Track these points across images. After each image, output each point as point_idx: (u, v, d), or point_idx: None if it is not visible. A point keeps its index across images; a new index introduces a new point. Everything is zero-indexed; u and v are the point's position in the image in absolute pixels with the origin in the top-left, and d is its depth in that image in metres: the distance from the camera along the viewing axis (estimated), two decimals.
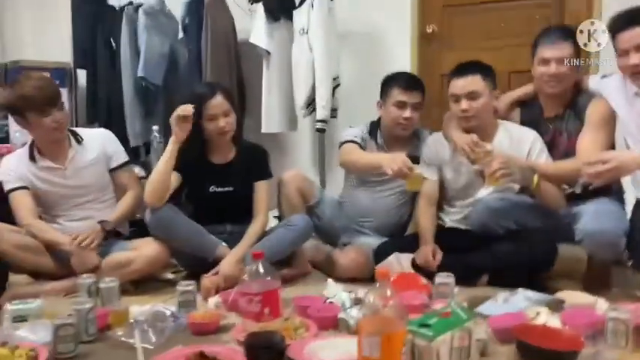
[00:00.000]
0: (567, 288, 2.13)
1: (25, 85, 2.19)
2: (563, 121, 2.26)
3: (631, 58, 1.93)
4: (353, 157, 2.43)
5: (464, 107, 2.21)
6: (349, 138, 2.47)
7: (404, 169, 2.09)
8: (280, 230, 2.32)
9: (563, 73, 2.18)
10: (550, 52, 2.18)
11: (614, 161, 1.78)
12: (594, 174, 1.79)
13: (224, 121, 2.26)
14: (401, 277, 2.08)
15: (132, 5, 3.35)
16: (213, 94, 2.26)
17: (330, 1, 3.08)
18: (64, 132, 2.32)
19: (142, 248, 2.24)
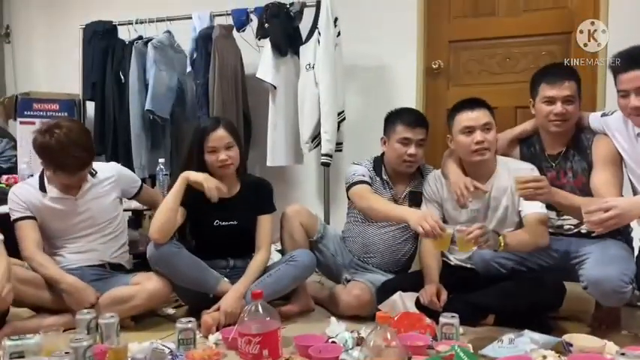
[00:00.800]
0: (576, 329, 2.11)
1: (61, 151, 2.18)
2: (568, 160, 2.24)
3: (631, 100, 1.93)
4: (373, 204, 2.33)
5: (480, 139, 2.18)
6: (359, 178, 2.42)
7: (436, 229, 1.97)
8: (283, 266, 2.29)
9: (570, 111, 2.17)
10: (555, 91, 2.17)
11: (617, 209, 1.74)
12: (596, 222, 1.76)
13: (225, 154, 2.27)
14: (404, 317, 2.05)
15: (141, 40, 3.41)
16: (215, 127, 2.28)
17: (337, 37, 3.11)
18: (85, 179, 2.36)
19: (143, 283, 2.22)
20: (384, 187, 2.47)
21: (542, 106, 2.21)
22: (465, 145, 2.23)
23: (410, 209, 2.27)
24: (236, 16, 3.24)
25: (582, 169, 2.20)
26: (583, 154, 2.20)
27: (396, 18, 3.28)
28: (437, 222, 1.98)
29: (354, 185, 2.42)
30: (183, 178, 2.24)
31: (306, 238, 2.45)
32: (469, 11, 3.28)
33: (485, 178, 2.27)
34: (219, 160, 2.27)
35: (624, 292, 1.91)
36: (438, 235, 1.97)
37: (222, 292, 2.20)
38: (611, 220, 1.74)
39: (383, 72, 3.37)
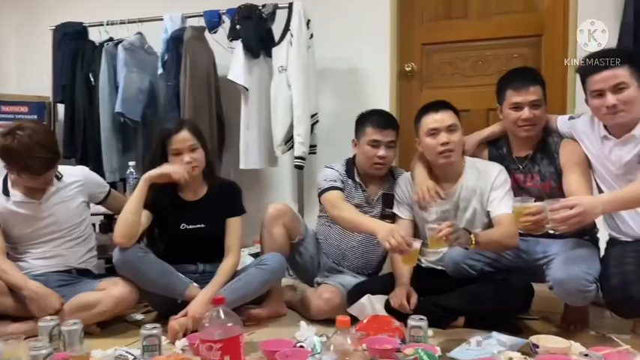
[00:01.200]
0: (545, 329, 2.13)
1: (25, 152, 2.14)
2: (535, 163, 2.25)
3: (608, 99, 1.95)
4: (343, 214, 2.30)
5: (445, 140, 2.19)
6: (330, 184, 2.40)
7: (403, 245, 1.96)
8: (252, 270, 2.27)
9: (537, 116, 2.18)
10: (522, 97, 2.17)
11: (580, 206, 1.76)
12: (560, 219, 1.77)
13: (189, 156, 2.25)
14: (373, 320, 2.03)
15: (112, 41, 3.36)
16: (178, 129, 2.26)
17: (310, 39, 3.11)
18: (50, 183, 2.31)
19: (109, 288, 2.17)
20: (357, 189, 2.46)
21: (510, 112, 2.21)
22: (430, 147, 2.24)
23: (379, 222, 2.22)
24: (208, 17, 3.21)
25: (550, 173, 2.21)
26: (550, 157, 2.21)
27: (369, 21, 3.28)
28: (403, 237, 1.96)
29: (325, 191, 2.40)
30: (144, 179, 2.21)
31: (287, 240, 2.42)
32: (441, 14, 3.30)
33: (453, 179, 2.28)
34: (183, 162, 2.24)
35: (588, 291, 1.92)
36: (404, 251, 1.96)
37: (191, 297, 2.16)
38: (575, 218, 1.76)
39: (356, 74, 3.37)
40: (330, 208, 2.37)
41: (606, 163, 2.08)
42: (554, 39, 3.10)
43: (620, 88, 1.94)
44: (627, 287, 1.86)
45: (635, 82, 1.95)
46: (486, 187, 2.23)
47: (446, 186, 2.28)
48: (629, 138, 1.99)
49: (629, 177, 2.00)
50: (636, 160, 1.99)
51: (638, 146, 1.98)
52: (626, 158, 2.00)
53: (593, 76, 2.00)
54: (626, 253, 1.95)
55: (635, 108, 1.96)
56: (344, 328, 1.25)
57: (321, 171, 2.50)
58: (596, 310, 2.29)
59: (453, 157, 2.22)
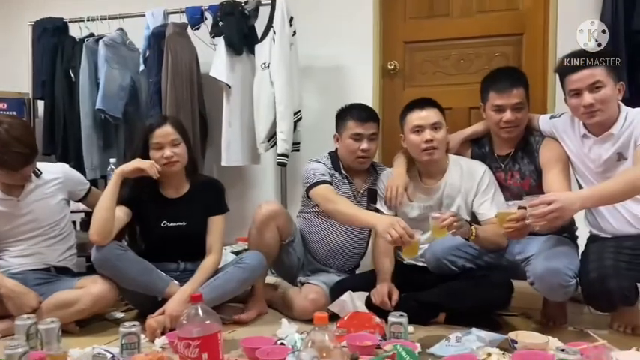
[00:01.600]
0: (524, 325, 2.15)
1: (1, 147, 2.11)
2: (516, 162, 2.27)
3: (585, 98, 1.97)
4: (339, 208, 2.24)
5: (429, 137, 2.20)
6: (319, 178, 2.35)
7: (405, 237, 1.94)
8: (231, 268, 2.25)
9: (519, 118, 2.19)
10: (504, 99, 2.17)
11: (558, 202, 1.78)
12: (538, 215, 1.79)
13: (170, 150, 2.23)
14: (354, 316, 2.04)
15: (93, 37, 3.33)
16: (161, 124, 2.25)
17: (292, 36, 3.10)
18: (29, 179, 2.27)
19: (88, 286, 2.14)
20: (344, 182, 2.44)
21: (492, 114, 2.22)
22: (415, 144, 2.25)
23: (377, 215, 2.21)
24: (190, 13, 3.19)
25: (530, 171, 2.23)
26: (531, 156, 2.23)
27: (352, 18, 3.29)
28: (405, 229, 1.94)
29: (315, 185, 2.35)
30: (117, 174, 2.19)
31: (277, 242, 2.39)
32: (424, 12, 3.31)
33: (437, 176, 2.30)
34: (164, 156, 2.22)
35: (568, 285, 1.95)
36: (406, 242, 1.95)
37: (171, 294, 2.14)
38: (553, 214, 1.78)
39: (339, 72, 3.37)
40: (323, 202, 2.31)
41: (586, 161, 2.10)
42: (535, 38, 3.13)
43: (597, 87, 1.97)
44: (605, 281, 1.88)
45: (610, 82, 1.98)
46: (472, 187, 2.25)
47: (429, 182, 2.31)
48: (608, 136, 2.02)
49: (608, 174, 2.02)
50: (615, 158, 2.02)
51: (616, 144, 2.01)
52: (605, 156, 2.03)
53: (571, 76, 2.02)
54: (605, 249, 1.97)
55: (611, 107, 2.00)
56: (322, 324, 1.25)
57: (308, 165, 2.45)
58: (575, 306, 2.33)
59: (436, 154, 2.24)
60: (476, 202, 2.25)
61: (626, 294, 1.89)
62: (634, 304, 2.04)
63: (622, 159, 2.00)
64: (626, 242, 1.96)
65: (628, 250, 1.94)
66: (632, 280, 1.90)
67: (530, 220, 1.84)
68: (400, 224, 1.96)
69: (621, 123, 2.01)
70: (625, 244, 1.96)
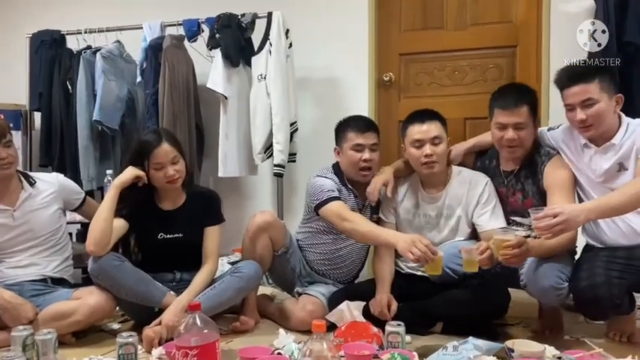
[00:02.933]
0: (521, 334, 2.16)
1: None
2: (519, 180, 2.24)
3: (577, 114, 1.98)
4: (356, 227, 2.20)
5: (429, 152, 2.20)
6: (330, 194, 2.30)
7: (428, 254, 1.90)
8: (227, 278, 2.25)
9: (522, 137, 2.15)
10: (507, 117, 2.13)
11: (563, 214, 1.77)
12: (544, 227, 1.78)
13: (172, 169, 2.23)
14: (351, 326, 2.04)
15: (90, 49, 3.34)
16: (159, 142, 2.23)
17: (289, 48, 3.13)
18: (9, 170, 2.25)
19: (85, 297, 2.14)
20: (350, 195, 2.41)
21: (495, 131, 2.19)
22: (415, 158, 2.26)
23: (397, 233, 2.16)
24: (187, 26, 3.21)
25: (533, 192, 2.20)
26: (534, 177, 2.19)
27: (348, 30, 3.31)
28: (427, 246, 1.91)
29: (327, 202, 2.29)
30: (114, 186, 2.20)
31: (271, 253, 2.39)
32: (419, 24, 3.35)
33: (439, 186, 2.31)
34: (166, 175, 2.22)
35: (560, 287, 1.96)
36: (430, 260, 1.92)
37: (168, 305, 2.14)
38: (558, 226, 1.77)
39: (335, 83, 3.39)
40: (338, 220, 2.25)
41: (586, 171, 2.09)
42: (528, 50, 3.16)
43: (589, 104, 1.97)
44: (595, 289, 1.89)
45: (605, 96, 1.97)
46: (473, 198, 2.26)
47: (431, 192, 2.32)
48: (609, 146, 2.02)
49: (608, 184, 2.03)
50: (616, 169, 2.01)
51: (617, 154, 2.00)
52: (606, 166, 2.03)
53: (565, 91, 2.03)
54: (598, 258, 1.98)
55: (606, 121, 1.99)
56: (320, 332, 1.25)
57: (314, 180, 2.39)
58: (571, 315, 2.34)
59: (436, 168, 2.24)
60: (476, 213, 2.25)
61: (617, 302, 1.89)
62: (629, 312, 2.06)
63: (623, 169, 2.00)
64: (619, 252, 1.97)
65: (621, 260, 1.94)
66: (622, 288, 1.90)
67: (536, 232, 1.84)
68: (423, 242, 1.92)
69: (622, 133, 2.01)
70: (618, 254, 1.96)
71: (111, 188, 2.21)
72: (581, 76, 2.00)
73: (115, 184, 2.21)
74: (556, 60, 2.98)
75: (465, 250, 1.98)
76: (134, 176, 2.21)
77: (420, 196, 2.35)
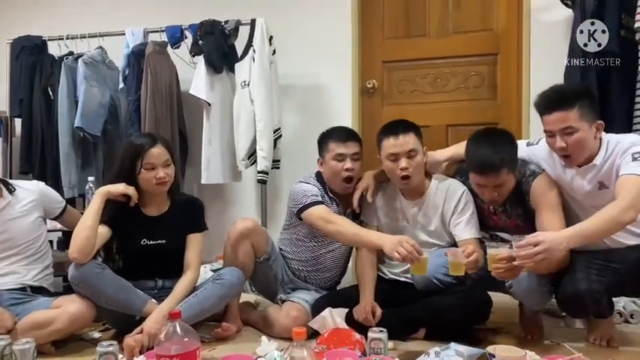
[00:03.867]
0: (502, 339, 2.17)
1: None
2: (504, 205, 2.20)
3: (557, 141, 1.97)
4: (341, 229, 2.20)
5: (404, 165, 2.20)
6: (313, 199, 2.31)
7: (414, 254, 1.92)
8: (209, 285, 2.24)
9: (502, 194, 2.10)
10: (485, 181, 2.08)
11: (544, 243, 1.77)
12: (525, 256, 1.79)
13: (163, 171, 2.22)
14: (334, 333, 2.04)
15: (72, 55, 3.32)
16: (153, 144, 2.23)
17: (272, 55, 3.14)
18: None
19: (65, 306, 2.11)
20: (332, 204, 2.41)
21: (475, 187, 2.16)
22: (390, 170, 2.26)
23: (383, 235, 2.17)
24: (170, 32, 3.21)
25: (517, 214, 2.20)
26: (520, 198, 2.15)
27: (331, 38, 3.34)
28: (413, 246, 1.93)
29: (310, 206, 2.30)
30: (101, 194, 2.18)
31: (252, 260, 2.38)
32: (401, 32, 3.38)
33: (416, 195, 2.33)
34: (157, 177, 2.21)
35: (544, 290, 2.00)
36: (415, 260, 1.93)
37: (149, 313, 2.12)
38: (539, 255, 1.77)
39: (319, 90, 3.41)
40: (322, 223, 2.26)
41: (568, 190, 2.10)
42: (509, 57, 3.21)
43: (569, 133, 1.95)
44: (576, 284, 1.91)
45: (585, 124, 1.94)
46: (449, 208, 2.27)
47: (410, 200, 2.34)
48: (590, 167, 2.01)
49: (592, 202, 2.02)
50: (597, 187, 2.02)
51: (598, 175, 2.00)
52: (588, 187, 2.03)
53: (545, 117, 2.00)
54: (580, 257, 1.99)
55: (587, 148, 1.98)
56: (301, 339, 1.25)
57: (297, 185, 2.41)
58: (552, 320, 2.37)
59: (412, 180, 2.25)
60: (452, 222, 2.26)
61: (597, 297, 1.91)
62: (607, 316, 2.09)
63: (604, 187, 2.00)
64: (598, 255, 1.99)
65: (600, 262, 1.97)
66: (601, 285, 1.92)
67: (517, 261, 1.82)
68: (409, 242, 1.94)
69: (603, 154, 1.99)
70: (597, 256, 1.98)
71: (97, 196, 2.18)
72: (560, 102, 1.95)
73: (102, 192, 2.19)
74: (536, 67, 3.04)
75: (452, 253, 1.99)
76: (123, 193, 2.20)
77: (399, 202, 2.37)
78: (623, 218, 1.84)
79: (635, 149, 1.93)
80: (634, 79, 2.66)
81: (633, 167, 1.89)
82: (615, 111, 2.69)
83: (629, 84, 2.68)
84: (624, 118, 2.69)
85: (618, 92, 2.71)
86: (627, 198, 1.85)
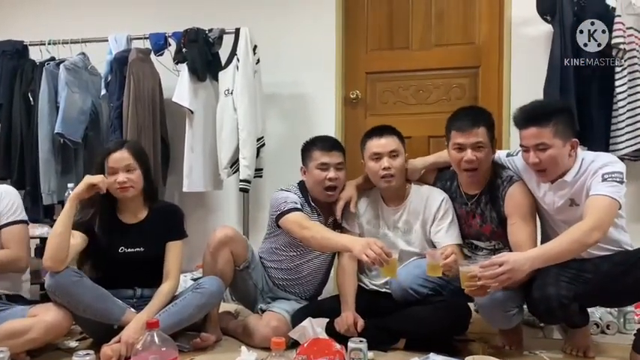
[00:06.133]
0: (481, 350, 2.18)
1: None
2: (479, 206, 2.26)
3: (530, 156, 2.01)
4: (315, 234, 2.21)
5: (386, 165, 2.25)
6: (291, 206, 2.32)
7: (383, 256, 1.93)
8: (189, 294, 2.22)
9: (480, 158, 2.15)
10: (464, 138, 2.14)
11: (508, 264, 1.81)
12: (489, 277, 1.82)
13: (124, 176, 2.20)
14: (314, 343, 2.02)
15: (54, 61, 3.29)
16: (117, 148, 2.23)
17: (256, 64, 3.15)
18: None
19: (41, 315, 2.07)
20: (313, 213, 2.42)
21: (453, 153, 2.20)
22: (373, 171, 2.30)
23: (352, 237, 2.20)
24: (154, 39, 3.20)
25: (491, 218, 2.23)
26: (495, 203, 2.21)
27: (315, 48, 3.35)
28: (382, 248, 1.94)
29: (287, 213, 2.31)
30: (71, 199, 2.13)
31: (232, 268, 2.37)
32: (385, 44, 3.42)
33: (397, 201, 2.35)
34: (117, 181, 2.19)
35: (510, 315, 2.03)
36: (384, 262, 1.94)
37: (127, 322, 2.10)
38: (503, 275, 1.81)
39: (302, 100, 3.42)
40: (297, 229, 2.26)
41: (541, 204, 2.14)
42: (490, 70, 3.25)
43: (542, 149, 1.98)
44: (544, 288, 1.94)
45: (558, 142, 1.97)
46: (429, 215, 2.29)
47: (391, 206, 2.36)
48: (562, 184, 2.04)
49: (562, 217, 2.07)
50: (568, 203, 2.05)
51: (570, 191, 2.03)
52: (559, 204, 2.06)
53: (521, 132, 2.04)
54: (550, 267, 1.99)
55: (558, 165, 2.01)
56: (279, 349, 1.25)
57: (277, 193, 2.42)
58: (530, 330, 2.39)
59: (394, 181, 2.29)
60: (433, 229, 2.29)
61: (564, 302, 1.92)
62: (580, 325, 2.12)
63: (574, 204, 2.03)
64: (571, 264, 2.00)
65: (572, 271, 1.99)
66: (570, 292, 1.94)
67: (482, 281, 1.85)
68: (377, 244, 1.96)
69: (575, 171, 2.02)
70: (570, 265, 1.99)
71: (67, 202, 2.14)
72: (536, 118, 1.98)
73: (72, 197, 2.14)
74: (517, 80, 3.09)
75: (430, 254, 2.02)
76: (89, 185, 2.13)
77: (380, 209, 2.39)
78: (587, 240, 1.87)
79: (606, 169, 1.95)
80: (611, 93, 2.72)
81: (602, 188, 1.93)
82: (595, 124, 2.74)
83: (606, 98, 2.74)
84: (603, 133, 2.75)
85: (597, 106, 2.77)
86: (592, 219, 1.88)
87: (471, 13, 3.29)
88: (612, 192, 1.91)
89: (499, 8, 3.20)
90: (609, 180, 1.93)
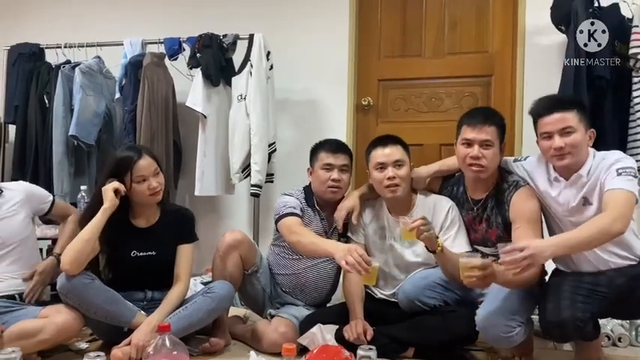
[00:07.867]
0: None
1: None
2: (485, 210, 2.25)
3: (555, 141, 2.00)
4: (301, 239, 2.23)
5: (391, 174, 2.24)
6: (289, 210, 2.36)
7: (362, 264, 1.92)
8: (199, 298, 2.22)
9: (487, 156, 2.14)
10: (474, 134, 2.15)
11: (529, 249, 1.77)
12: (510, 262, 1.79)
13: (155, 180, 2.23)
14: (323, 350, 2.02)
15: (69, 64, 3.33)
16: (139, 156, 2.23)
17: (269, 70, 3.17)
18: None
19: (52, 316, 2.08)
20: (316, 216, 2.44)
21: (460, 148, 2.20)
22: (378, 181, 2.30)
23: (336, 243, 2.19)
24: (168, 44, 3.23)
25: (497, 223, 2.22)
26: (500, 207, 2.20)
27: (328, 55, 3.37)
28: (362, 255, 1.93)
29: (283, 217, 2.35)
30: (104, 210, 2.14)
31: (241, 272, 2.39)
32: (397, 52, 3.42)
33: (403, 211, 2.33)
34: (150, 187, 2.21)
35: (511, 336, 2.00)
36: (363, 269, 1.94)
37: (138, 325, 2.11)
38: (525, 260, 1.77)
39: (314, 106, 3.43)
40: (287, 233, 2.30)
41: (554, 205, 2.11)
42: (503, 79, 3.25)
43: (568, 132, 1.99)
44: (559, 312, 1.90)
45: (582, 128, 2.00)
46: (437, 224, 2.27)
47: (397, 217, 2.32)
48: (577, 178, 2.03)
49: (574, 219, 2.04)
50: (581, 203, 2.03)
51: (583, 189, 2.02)
52: (573, 203, 2.04)
53: (543, 118, 2.04)
54: (564, 283, 2.00)
55: (581, 152, 2.02)
56: (290, 356, 1.25)
57: (280, 198, 2.46)
58: (540, 341, 2.36)
59: (398, 191, 2.28)
60: (440, 238, 2.28)
61: (579, 325, 1.89)
62: (593, 338, 2.08)
63: (587, 204, 2.02)
64: (585, 278, 1.99)
65: (587, 286, 1.96)
66: (586, 313, 1.91)
67: (503, 267, 1.83)
68: (358, 251, 1.95)
69: (589, 165, 2.02)
70: (584, 279, 1.98)
71: (101, 212, 2.14)
72: (561, 104, 2.03)
73: (105, 207, 2.14)
74: (529, 90, 3.07)
75: (402, 221, 2.04)
76: (115, 190, 2.16)
77: (386, 220, 2.38)
78: (611, 229, 1.84)
79: (619, 165, 1.96)
80: (626, 104, 2.70)
81: (618, 182, 1.92)
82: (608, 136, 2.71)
83: (621, 111, 2.71)
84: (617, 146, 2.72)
85: (611, 117, 2.73)
86: (614, 211, 1.86)
87: (484, 22, 3.29)
88: (629, 185, 1.91)
89: (513, 17, 3.20)
90: (624, 174, 1.93)
